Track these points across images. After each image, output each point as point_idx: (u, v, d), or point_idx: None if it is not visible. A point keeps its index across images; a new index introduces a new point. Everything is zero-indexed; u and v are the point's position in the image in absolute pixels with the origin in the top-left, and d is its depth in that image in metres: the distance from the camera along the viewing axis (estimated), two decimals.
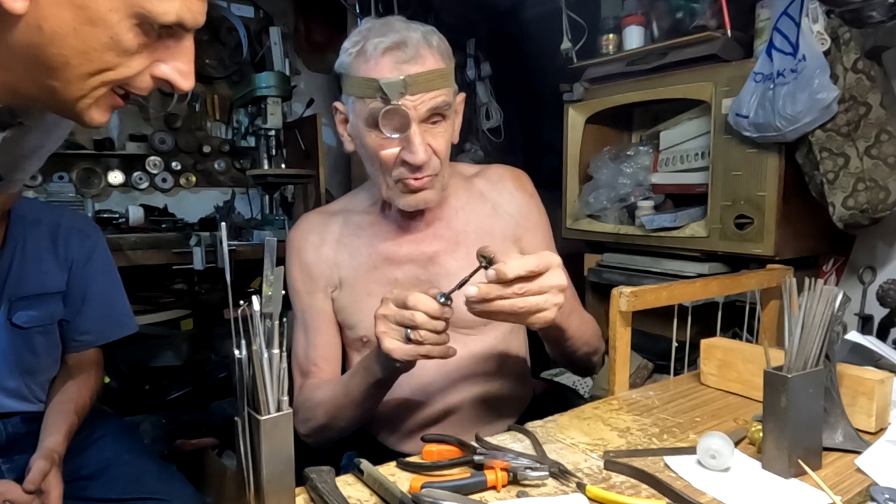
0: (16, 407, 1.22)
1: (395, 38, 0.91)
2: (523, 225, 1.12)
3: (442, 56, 0.95)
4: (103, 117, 0.61)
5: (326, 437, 1.04)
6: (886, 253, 1.65)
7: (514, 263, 0.77)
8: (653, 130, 2.04)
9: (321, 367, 1.08)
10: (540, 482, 0.73)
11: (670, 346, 1.41)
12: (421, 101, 0.92)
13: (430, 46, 0.94)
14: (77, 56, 0.55)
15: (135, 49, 0.56)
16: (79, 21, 0.53)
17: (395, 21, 0.96)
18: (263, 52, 2.65)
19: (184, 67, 0.60)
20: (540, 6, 2.45)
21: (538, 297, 0.79)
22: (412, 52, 0.91)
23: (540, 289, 0.79)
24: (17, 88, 0.58)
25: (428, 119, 0.94)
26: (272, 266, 0.63)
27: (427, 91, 0.92)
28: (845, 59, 1.40)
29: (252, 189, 2.93)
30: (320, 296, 1.09)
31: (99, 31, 0.54)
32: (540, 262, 0.79)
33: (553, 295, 0.79)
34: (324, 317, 1.10)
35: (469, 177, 1.15)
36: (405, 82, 0.90)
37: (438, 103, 0.93)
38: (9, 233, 1.19)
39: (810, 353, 0.74)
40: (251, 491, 0.63)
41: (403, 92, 0.90)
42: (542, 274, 0.79)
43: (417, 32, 0.93)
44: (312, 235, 1.11)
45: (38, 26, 0.53)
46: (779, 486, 0.72)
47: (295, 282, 1.11)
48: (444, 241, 1.07)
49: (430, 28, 0.97)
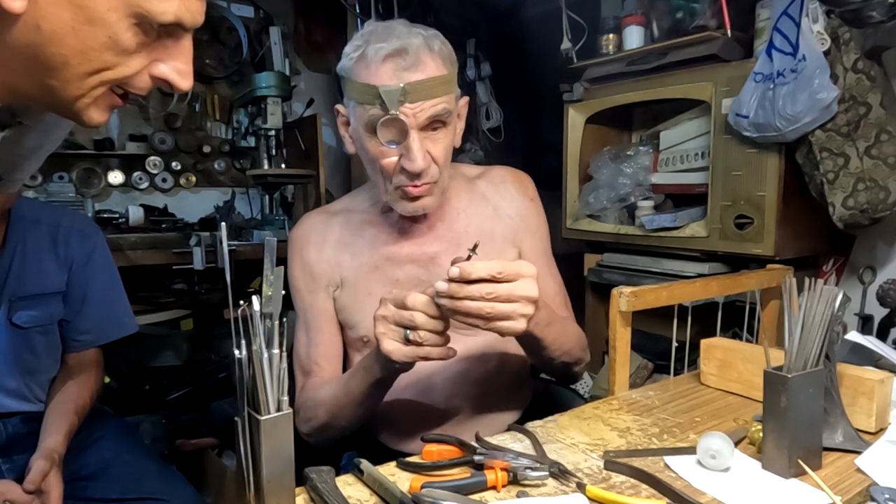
0: (16, 407, 1.22)
1: (396, 44, 0.90)
2: (522, 228, 1.12)
3: (444, 61, 0.94)
4: (102, 117, 0.61)
5: (328, 437, 1.04)
6: (886, 253, 1.65)
7: (479, 264, 0.78)
8: (653, 130, 2.04)
9: (322, 367, 1.09)
10: (540, 482, 0.73)
11: (670, 346, 1.41)
12: (420, 108, 0.91)
13: (431, 52, 0.93)
14: (76, 55, 0.55)
15: (133, 48, 0.56)
16: (77, 20, 0.53)
17: (397, 25, 0.95)
18: (263, 52, 2.64)
19: (182, 67, 0.60)
20: (540, 6, 2.45)
21: (506, 305, 0.79)
22: (412, 59, 0.90)
23: (509, 297, 0.79)
24: (16, 87, 0.58)
25: (428, 126, 0.94)
26: (272, 266, 0.63)
27: (427, 99, 0.91)
28: (845, 59, 1.40)
29: (252, 189, 2.93)
30: (322, 295, 1.09)
31: (97, 31, 0.54)
32: (508, 268, 0.79)
33: (522, 305, 0.79)
34: (325, 316, 1.10)
35: (472, 178, 1.15)
36: (405, 90, 0.90)
37: (438, 111, 0.93)
38: (9, 233, 1.19)
39: (810, 353, 0.74)
40: (251, 491, 0.63)
41: (403, 100, 0.90)
42: (513, 282, 0.79)
43: (419, 38, 0.92)
44: (314, 235, 1.11)
45: (36, 25, 0.53)
46: (779, 486, 0.72)
47: (296, 281, 1.11)
48: (446, 242, 1.07)
49: (434, 33, 0.96)
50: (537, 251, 1.14)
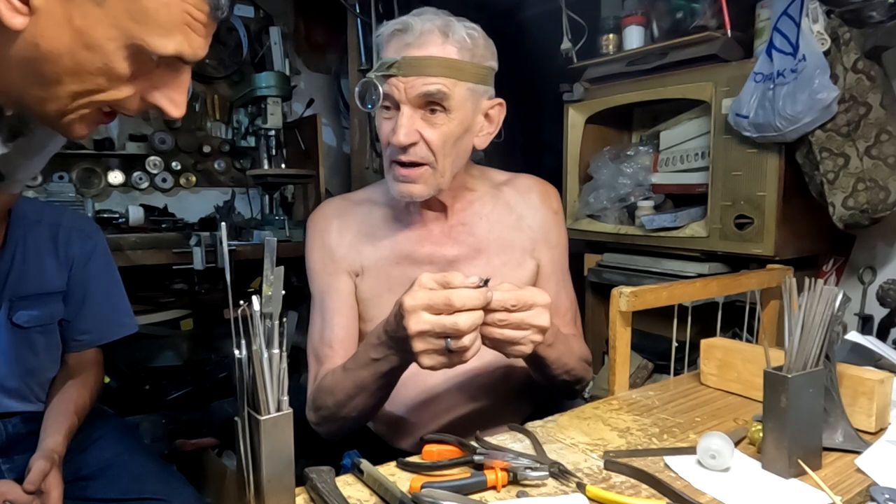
0: (16, 407, 1.22)
1: (406, 21, 0.94)
2: (543, 241, 1.12)
3: (459, 49, 0.95)
4: (85, 131, 0.62)
5: (338, 428, 1.01)
6: (886, 253, 1.65)
7: (497, 295, 0.79)
8: (653, 130, 2.04)
9: (336, 350, 1.05)
10: (540, 482, 0.74)
11: (670, 346, 1.41)
12: (411, 84, 0.93)
13: (445, 36, 0.94)
14: (69, 76, 0.56)
15: (127, 77, 0.57)
16: (76, 45, 0.54)
17: (427, 9, 0.98)
18: (263, 52, 2.64)
19: (177, 98, 0.61)
20: (540, 6, 2.45)
21: (516, 332, 0.81)
22: (414, 36, 0.94)
23: (520, 325, 0.81)
24: (9, 94, 0.58)
25: (423, 106, 0.95)
26: (272, 266, 0.63)
27: (419, 76, 0.93)
28: (845, 59, 1.40)
29: (252, 189, 2.93)
30: (343, 277, 1.07)
31: (94, 57, 0.55)
32: (522, 300, 0.80)
33: (532, 333, 0.82)
34: (344, 297, 1.07)
35: (498, 184, 1.14)
36: (398, 63, 0.92)
37: (430, 90, 0.93)
38: (9, 232, 1.19)
39: (810, 353, 0.74)
40: (251, 491, 0.63)
41: (396, 72, 0.93)
42: (525, 311, 0.80)
43: (437, 20, 0.95)
44: (336, 219, 1.10)
45: (35, 44, 0.53)
46: (779, 486, 0.72)
47: (314, 263, 1.09)
48: (466, 246, 1.07)
49: (462, 24, 0.97)
50: (555, 266, 1.14)
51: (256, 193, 2.90)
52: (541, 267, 1.12)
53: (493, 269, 1.05)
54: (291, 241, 2.39)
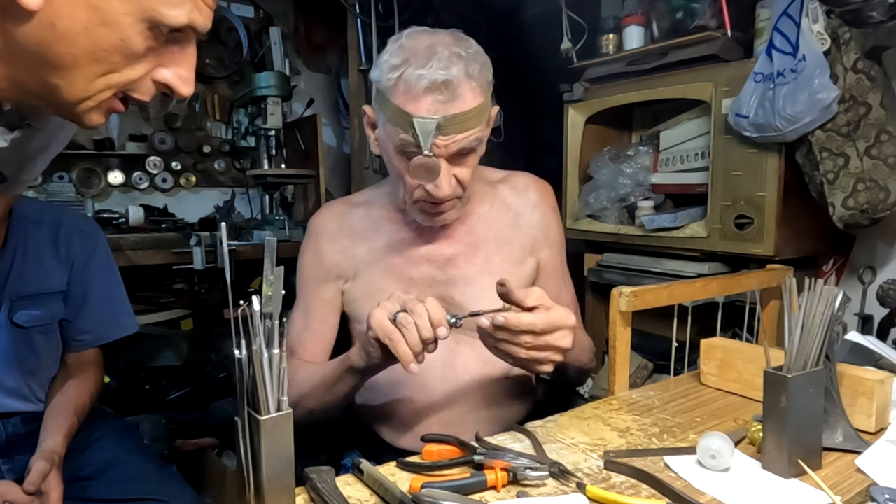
0: (16, 407, 1.22)
1: (439, 76, 0.88)
2: (542, 239, 1.13)
3: (481, 87, 0.93)
4: (102, 119, 0.62)
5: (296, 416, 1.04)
6: (886, 253, 1.65)
7: (525, 318, 0.80)
8: (653, 130, 2.04)
9: (308, 350, 1.10)
10: (540, 482, 0.74)
11: (670, 346, 1.41)
12: (453, 140, 0.91)
13: (470, 80, 0.91)
14: (85, 56, 0.55)
15: (142, 53, 0.57)
16: (92, 21, 0.53)
17: (438, 44, 0.91)
18: (263, 52, 2.64)
19: (185, 74, 0.61)
20: (540, 6, 2.45)
21: (541, 352, 0.82)
22: (452, 93, 0.89)
23: (546, 346, 0.82)
24: (22, 84, 0.58)
25: (457, 153, 0.94)
26: (272, 266, 0.63)
27: (460, 132, 0.91)
28: (845, 59, 1.40)
29: (252, 189, 2.93)
30: (330, 286, 1.10)
31: (110, 33, 0.54)
32: (549, 323, 0.81)
33: (553, 353, 0.83)
34: (327, 307, 1.11)
35: (494, 182, 1.15)
36: (440, 124, 0.89)
37: (470, 142, 0.93)
38: (10, 232, 1.19)
39: (810, 353, 0.74)
40: (251, 491, 0.63)
41: (437, 133, 0.90)
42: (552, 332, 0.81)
43: (460, 64, 0.90)
44: (332, 224, 1.12)
45: (50, 24, 0.53)
46: (779, 486, 0.72)
47: (306, 267, 1.12)
48: (464, 244, 1.07)
49: (475, 52, 0.94)
50: (555, 263, 1.15)
51: (256, 193, 2.90)
52: (542, 264, 1.13)
53: (493, 267, 1.06)
54: (291, 241, 2.39)
